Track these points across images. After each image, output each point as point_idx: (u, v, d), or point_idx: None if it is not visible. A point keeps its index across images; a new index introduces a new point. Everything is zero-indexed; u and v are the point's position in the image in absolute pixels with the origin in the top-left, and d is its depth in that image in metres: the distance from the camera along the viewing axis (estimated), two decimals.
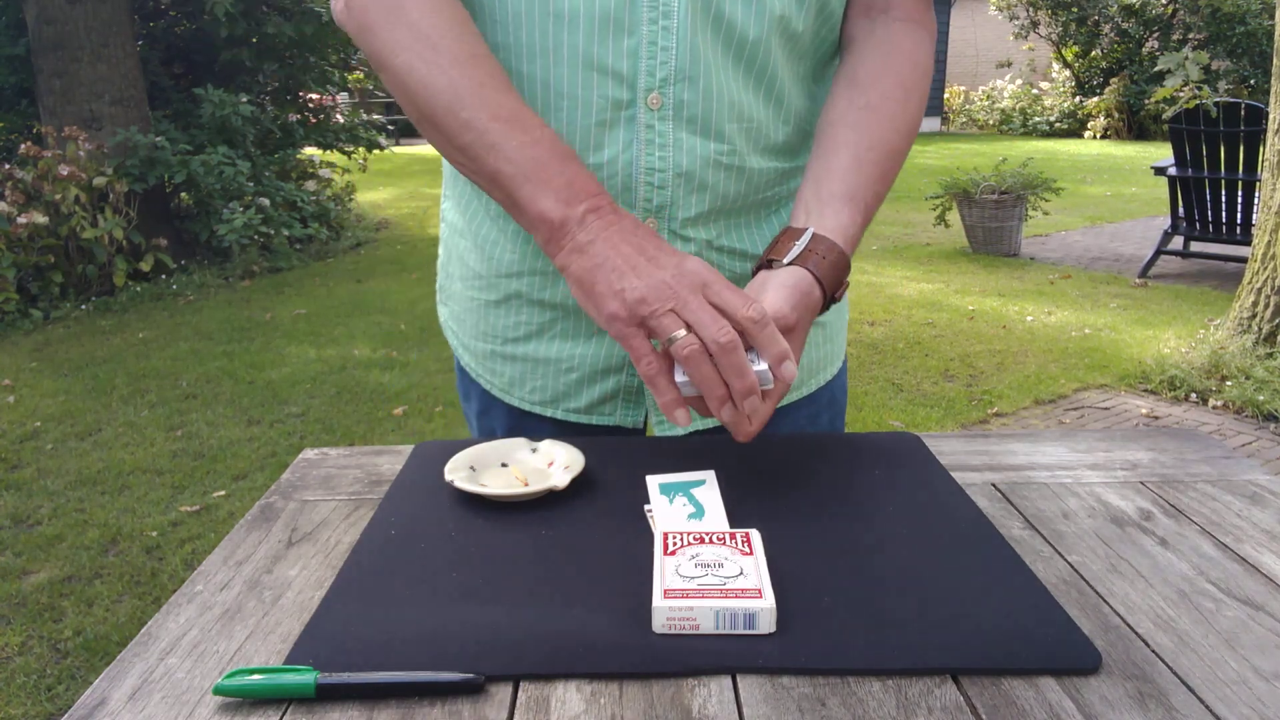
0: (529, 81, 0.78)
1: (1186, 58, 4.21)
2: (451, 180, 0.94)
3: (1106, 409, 3.48)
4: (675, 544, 0.63)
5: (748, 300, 0.66)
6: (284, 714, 0.52)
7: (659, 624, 0.57)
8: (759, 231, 0.88)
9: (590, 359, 0.89)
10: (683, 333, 0.65)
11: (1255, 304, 3.74)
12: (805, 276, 0.73)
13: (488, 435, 0.99)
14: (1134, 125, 14.27)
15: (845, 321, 1.01)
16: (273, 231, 6.21)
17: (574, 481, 0.76)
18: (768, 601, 0.57)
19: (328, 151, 8.03)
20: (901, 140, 0.81)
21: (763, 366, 0.67)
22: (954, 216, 6.38)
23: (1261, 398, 3.34)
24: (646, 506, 0.72)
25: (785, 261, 0.74)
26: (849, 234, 0.76)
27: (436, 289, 1.04)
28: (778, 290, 0.72)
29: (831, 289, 0.75)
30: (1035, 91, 15.96)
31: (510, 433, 0.96)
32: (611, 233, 0.69)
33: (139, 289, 5.44)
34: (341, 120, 8.06)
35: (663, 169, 0.79)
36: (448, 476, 0.75)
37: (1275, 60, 3.68)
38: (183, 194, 6.47)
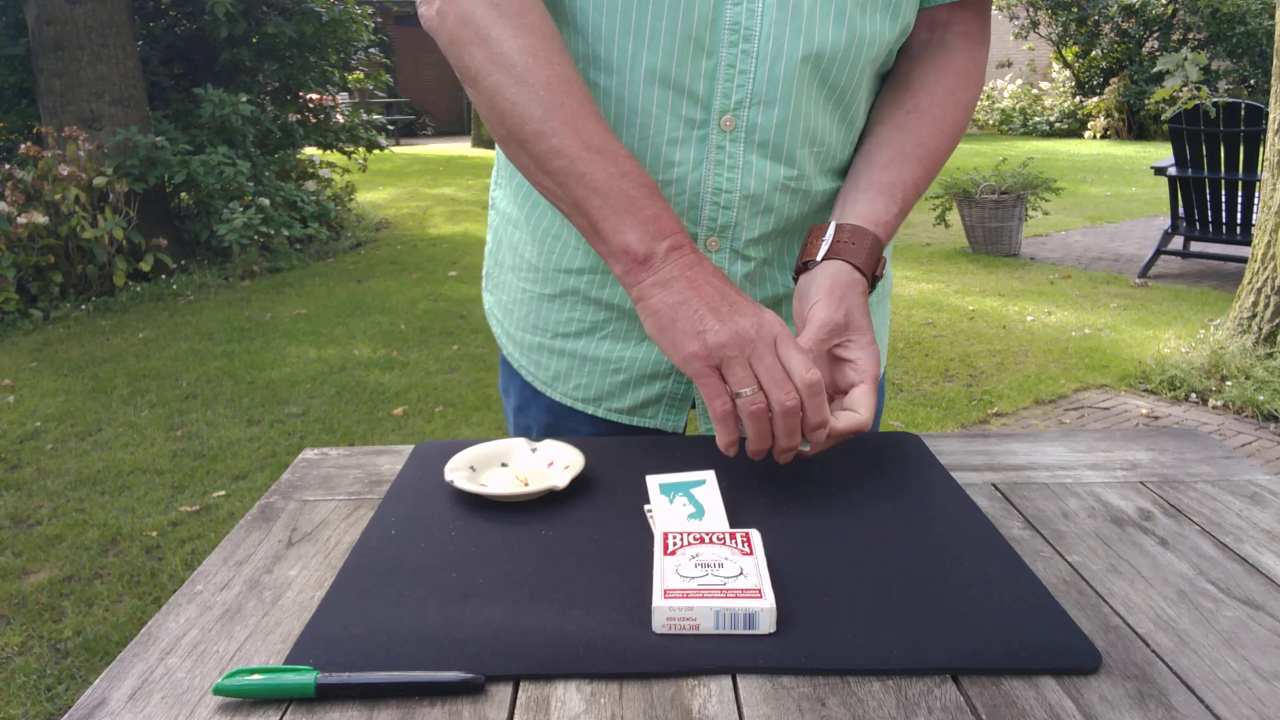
0: (603, 94, 0.78)
1: (1185, 58, 4.21)
2: (508, 171, 0.94)
3: (1106, 409, 3.48)
4: (675, 544, 0.63)
5: (808, 364, 0.68)
6: (284, 714, 0.52)
7: (659, 624, 0.57)
8: None
9: (639, 362, 0.90)
10: (753, 389, 0.67)
11: (1255, 304, 3.74)
12: (842, 267, 0.76)
13: (522, 433, 0.99)
14: (1134, 125, 14.27)
15: (888, 327, 1.02)
16: (273, 231, 6.21)
17: (574, 481, 0.76)
18: (768, 601, 0.57)
19: (328, 151, 8.02)
20: (946, 141, 0.84)
21: (805, 448, 0.72)
22: (954, 216, 6.38)
23: (1261, 398, 3.34)
24: (646, 506, 0.72)
25: (819, 258, 0.77)
26: (880, 219, 0.79)
27: (483, 275, 1.04)
28: (820, 298, 0.75)
29: (869, 269, 0.77)
30: (1035, 91, 15.96)
31: (546, 432, 0.96)
32: (695, 273, 0.70)
33: (139, 289, 5.44)
34: (341, 120, 8.06)
35: (730, 190, 0.80)
36: (448, 476, 0.75)
37: (1275, 60, 3.68)
38: (183, 194, 6.46)
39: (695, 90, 0.76)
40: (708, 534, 0.64)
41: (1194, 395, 3.53)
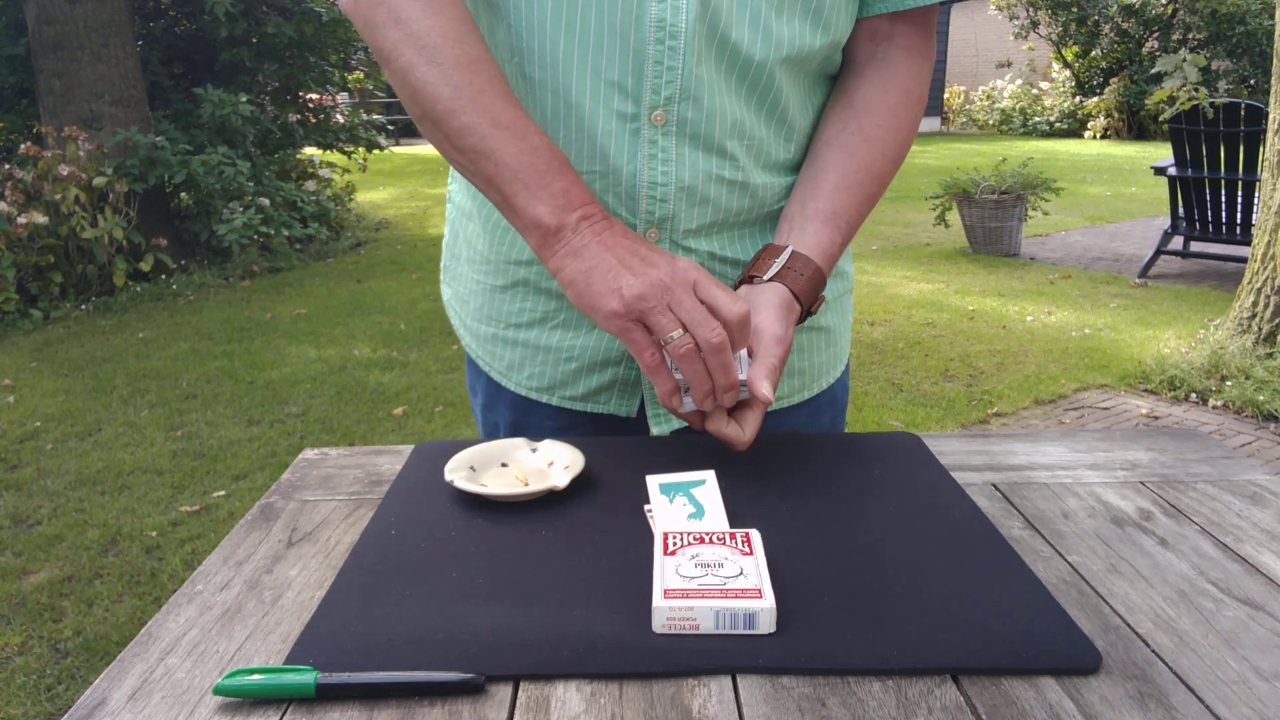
0: (540, 88, 0.79)
1: (1184, 59, 4.21)
2: None
3: (1106, 409, 3.48)
4: (675, 544, 0.63)
5: (734, 298, 0.70)
6: (284, 714, 0.52)
7: (659, 624, 0.57)
8: (763, 243, 0.90)
9: (590, 350, 0.91)
10: (679, 333, 0.68)
11: (1255, 304, 3.74)
12: (786, 293, 0.78)
13: (490, 431, 1.01)
14: (1134, 125, 14.27)
15: (849, 325, 1.03)
16: (273, 231, 6.21)
17: (574, 481, 0.76)
18: (768, 601, 0.57)
19: (328, 151, 8.03)
20: (888, 165, 0.85)
21: (744, 376, 0.73)
22: (954, 216, 6.38)
23: (1261, 398, 3.34)
24: (646, 506, 0.72)
25: (765, 278, 0.79)
26: (828, 252, 0.82)
27: (441, 268, 1.05)
28: (770, 311, 0.76)
29: (807, 304, 0.80)
30: (1035, 91, 15.96)
31: (513, 425, 0.97)
32: (605, 237, 0.72)
33: (139, 289, 5.44)
34: (341, 120, 8.06)
35: (665, 183, 0.81)
36: (448, 476, 0.75)
37: (1275, 60, 3.68)
38: (183, 194, 6.47)
39: (625, 85, 0.77)
40: (708, 534, 0.64)
41: (1194, 395, 3.53)
